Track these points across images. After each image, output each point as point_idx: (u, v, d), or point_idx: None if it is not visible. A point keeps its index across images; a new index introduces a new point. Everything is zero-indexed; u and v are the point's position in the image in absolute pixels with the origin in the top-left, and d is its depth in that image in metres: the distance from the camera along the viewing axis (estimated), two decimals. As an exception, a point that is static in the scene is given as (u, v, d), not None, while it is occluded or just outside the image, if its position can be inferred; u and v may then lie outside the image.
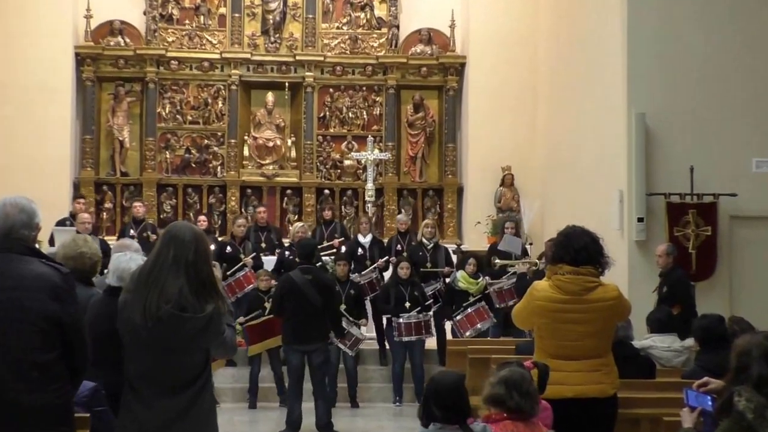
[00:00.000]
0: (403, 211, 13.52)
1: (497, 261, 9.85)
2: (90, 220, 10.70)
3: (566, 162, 11.80)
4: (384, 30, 14.02)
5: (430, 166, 14.16)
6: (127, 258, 4.47)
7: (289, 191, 13.78)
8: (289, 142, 13.87)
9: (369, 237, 10.87)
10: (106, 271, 4.74)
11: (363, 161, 13.04)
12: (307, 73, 13.79)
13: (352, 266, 10.18)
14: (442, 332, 10.06)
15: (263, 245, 11.22)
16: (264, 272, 9.91)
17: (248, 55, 13.74)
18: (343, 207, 13.80)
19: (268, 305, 9.26)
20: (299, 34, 13.92)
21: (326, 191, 13.76)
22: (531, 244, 12.00)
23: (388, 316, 9.77)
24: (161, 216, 13.18)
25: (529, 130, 13.31)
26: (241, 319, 9.25)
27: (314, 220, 13.19)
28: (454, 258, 10.90)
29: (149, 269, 3.63)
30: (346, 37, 14.01)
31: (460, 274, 9.85)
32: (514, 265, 9.87)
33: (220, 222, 13.54)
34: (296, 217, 13.49)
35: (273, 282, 9.45)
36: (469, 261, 9.96)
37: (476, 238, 12.93)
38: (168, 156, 13.73)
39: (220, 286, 3.76)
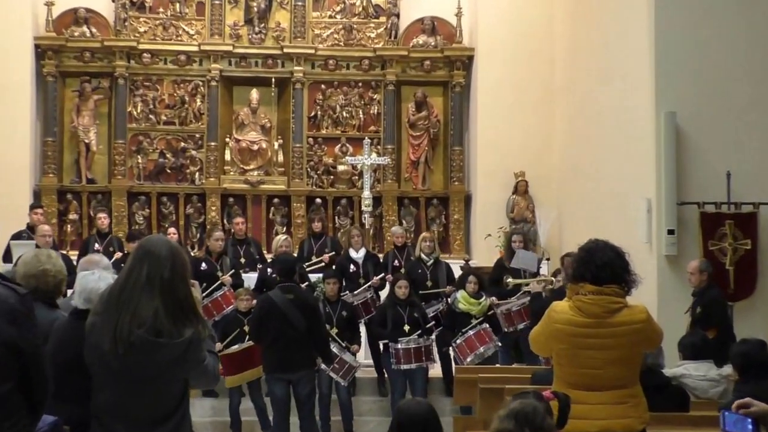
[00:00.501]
0: (404, 221, 13.53)
1: (510, 280, 9.79)
2: (51, 233, 10.68)
3: (587, 167, 11.81)
4: (382, 19, 14.06)
5: (434, 172, 14.18)
6: (96, 277, 4.46)
7: (276, 200, 13.80)
8: (276, 145, 13.88)
9: (362, 252, 10.81)
10: (71, 291, 4.74)
11: (359, 166, 13.03)
12: (296, 68, 13.83)
13: (344, 284, 10.15)
14: (447, 359, 10.03)
15: (242, 261, 11.17)
16: (244, 291, 9.86)
17: (230, 48, 13.77)
18: (336, 218, 13.81)
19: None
20: (287, 24, 13.96)
21: (317, 200, 13.76)
22: (548, 259, 11.97)
23: (385, 341, 9.72)
24: (132, 228, 13.12)
25: (546, 131, 13.32)
26: (219, 345, 9.21)
27: (305, 233, 13.16)
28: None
29: (120, 289, 3.64)
30: (340, 26, 14.05)
31: (460, 295, 9.70)
32: (529, 283, 9.82)
33: (198, 235, 13.53)
34: (284, 229, 13.49)
35: (254, 302, 9.43)
36: (469, 279, 9.80)
37: (486, 253, 12.85)
38: (140, 161, 13.74)
39: (200, 308, 3.77)
